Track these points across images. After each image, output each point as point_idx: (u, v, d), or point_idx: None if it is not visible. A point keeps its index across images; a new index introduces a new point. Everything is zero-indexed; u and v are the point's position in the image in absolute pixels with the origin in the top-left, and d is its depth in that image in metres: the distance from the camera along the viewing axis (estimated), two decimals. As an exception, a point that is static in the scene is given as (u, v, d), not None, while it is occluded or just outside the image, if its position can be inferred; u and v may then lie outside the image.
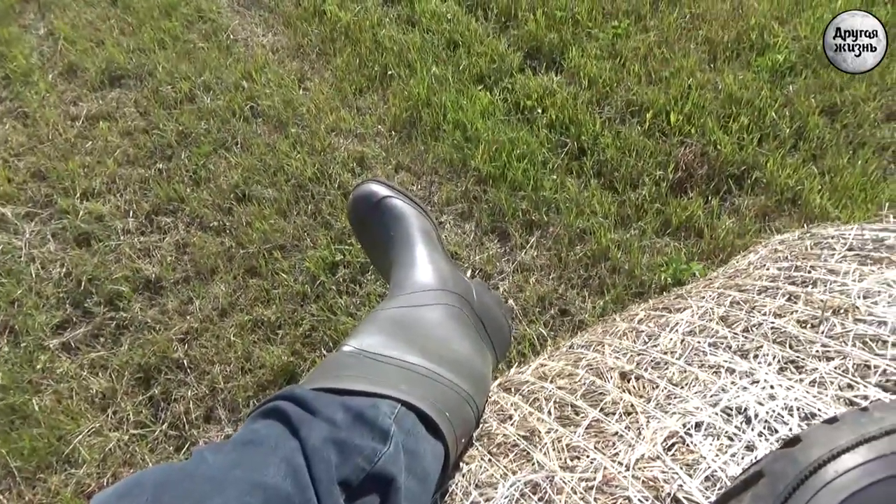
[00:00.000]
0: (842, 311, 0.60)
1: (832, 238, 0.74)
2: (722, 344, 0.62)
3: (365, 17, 2.31)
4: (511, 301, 1.40)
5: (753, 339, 0.60)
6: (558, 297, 1.40)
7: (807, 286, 0.66)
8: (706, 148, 1.68)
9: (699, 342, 0.63)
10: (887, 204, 1.43)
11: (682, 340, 0.64)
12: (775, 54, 1.98)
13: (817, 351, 0.56)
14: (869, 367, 0.53)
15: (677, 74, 1.93)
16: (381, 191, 0.82)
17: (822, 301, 0.62)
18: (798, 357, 0.56)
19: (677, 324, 0.68)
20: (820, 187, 1.58)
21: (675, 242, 1.49)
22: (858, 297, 0.60)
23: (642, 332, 0.69)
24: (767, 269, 0.73)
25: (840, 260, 0.68)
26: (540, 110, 1.85)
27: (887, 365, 0.52)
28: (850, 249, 0.70)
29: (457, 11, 2.28)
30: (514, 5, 2.26)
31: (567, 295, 1.40)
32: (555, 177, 1.65)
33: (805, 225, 1.53)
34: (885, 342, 0.54)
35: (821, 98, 1.83)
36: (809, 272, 0.68)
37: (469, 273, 1.47)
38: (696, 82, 1.89)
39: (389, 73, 2.06)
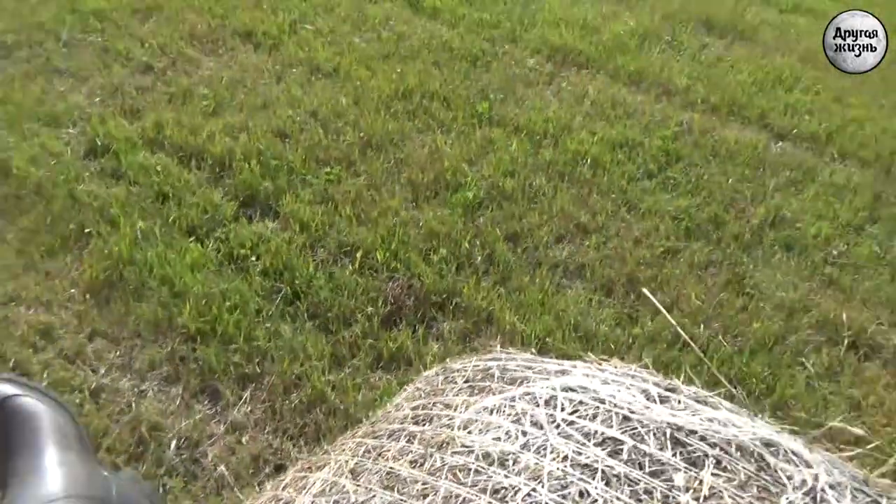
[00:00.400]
0: (444, 445, 0.66)
1: (457, 371, 0.83)
2: (343, 500, 0.63)
3: (61, 172, 2.15)
4: (222, 467, 1.30)
5: (370, 489, 0.63)
6: (273, 452, 1.34)
7: (425, 424, 0.72)
8: (412, 280, 1.83)
9: (324, 502, 0.63)
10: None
11: (312, 503, 0.64)
12: (466, 192, 2.28)
13: (417, 490, 0.60)
14: (452, 496, 0.58)
15: (384, 214, 2.11)
16: (7, 390, 0.74)
17: (430, 438, 0.68)
18: (401, 500, 0.60)
19: (314, 484, 0.68)
20: (509, 306, 1.80)
21: (388, 375, 1.55)
22: (459, 429, 0.67)
23: (282, 499, 0.68)
24: (403, 411, 0.78)
25: (457, 393, 0.76)
26: (254, 258, 1.86)
27: (467, 492, 0.58)
28: (466, 381, 0.79)
29: (167, 163, 2.24)
30: (229, 155, 2.30)
31: (282, 448, 1.35)
32: (269, 325, 1.64)
33: (500, 341, 1.72)
34: (469, 470, 0.61)
35: (505, 227, 2.14)
36: (431, 409, 0.75)
37: (174, 444, 1.34)
38: (401, 220, 2.09)
39: (87, 230, 1.91)
